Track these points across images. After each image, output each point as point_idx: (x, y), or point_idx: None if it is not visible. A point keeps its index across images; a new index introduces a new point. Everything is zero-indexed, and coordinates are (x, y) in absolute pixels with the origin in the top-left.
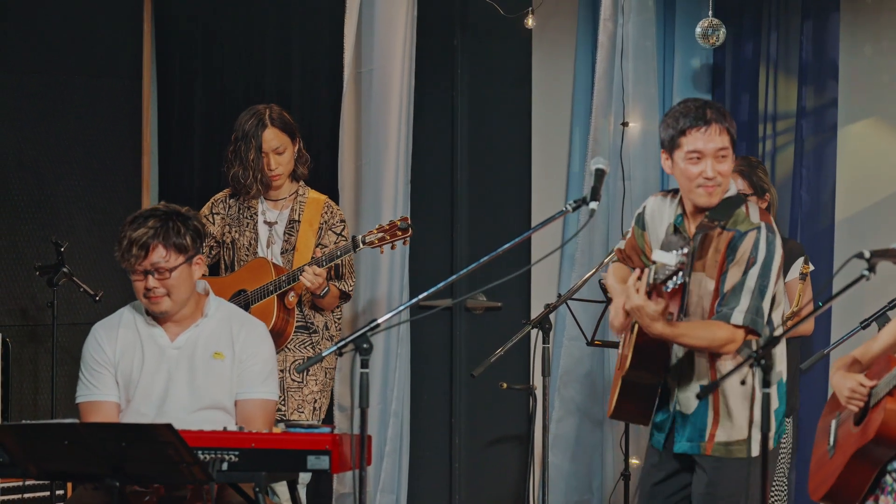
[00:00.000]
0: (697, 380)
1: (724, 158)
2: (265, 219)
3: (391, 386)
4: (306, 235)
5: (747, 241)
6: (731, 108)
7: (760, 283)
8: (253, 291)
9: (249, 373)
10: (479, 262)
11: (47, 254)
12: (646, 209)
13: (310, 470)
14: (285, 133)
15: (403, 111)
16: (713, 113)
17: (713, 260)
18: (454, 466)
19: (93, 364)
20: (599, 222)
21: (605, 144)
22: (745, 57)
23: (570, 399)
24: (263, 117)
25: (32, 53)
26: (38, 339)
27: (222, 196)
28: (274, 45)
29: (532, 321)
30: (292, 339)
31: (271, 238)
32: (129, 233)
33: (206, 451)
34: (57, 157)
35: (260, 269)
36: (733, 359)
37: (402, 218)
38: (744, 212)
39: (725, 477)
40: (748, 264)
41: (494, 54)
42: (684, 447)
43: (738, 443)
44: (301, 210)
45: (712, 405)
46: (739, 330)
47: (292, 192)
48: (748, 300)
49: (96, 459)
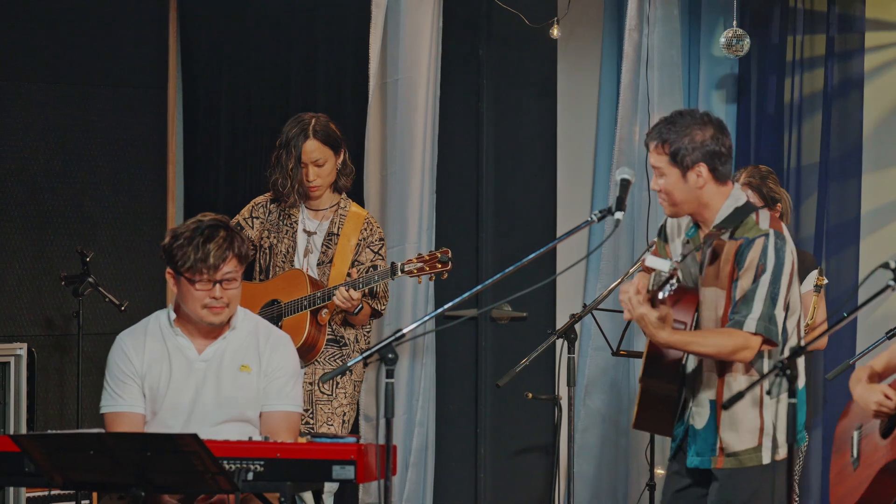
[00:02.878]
0: (706, 392)
1: (660, 176)
2: (304, 227)
3: (416, 396)
4: (344, 250)
5: (755, 248)
6: (755, 118)
7: (772, 291)
8: (287, 304)
9: (274, 385)
10: (504, 272)
11: (73, 264)
12: (667, 221)
13: (335, 480)
14: (327, 145)
15: (429, 121)
16: (656, 130)
17: (723, 271)
18: (479, 476)
19: (118, 374)
20: (624, 232)
21: (631, 154)
22: (770, 67)
23: (596, 409)
24: (307, 128)
25: (57, 63)
26: (63, 349)
27: (263, 200)
28: (300, 55)
29: (557, 331)
30: (322, 352)
31: (309, 248)
32: (199, 241)
33: (231, 460)
34: (82, 167)
35: (295, 281)
36: (744, 372)
37: (443, 250)
38: (753, 219)
39: (738, 486)
40: (758, 272)
41: (520, 64)
42: (695, 462)
43: (747, 451)
44: (341, 223)
45: (718, 417)
46: (754, 337)
47: (333, 203)
48: (760, 307)
49: (121, 469)
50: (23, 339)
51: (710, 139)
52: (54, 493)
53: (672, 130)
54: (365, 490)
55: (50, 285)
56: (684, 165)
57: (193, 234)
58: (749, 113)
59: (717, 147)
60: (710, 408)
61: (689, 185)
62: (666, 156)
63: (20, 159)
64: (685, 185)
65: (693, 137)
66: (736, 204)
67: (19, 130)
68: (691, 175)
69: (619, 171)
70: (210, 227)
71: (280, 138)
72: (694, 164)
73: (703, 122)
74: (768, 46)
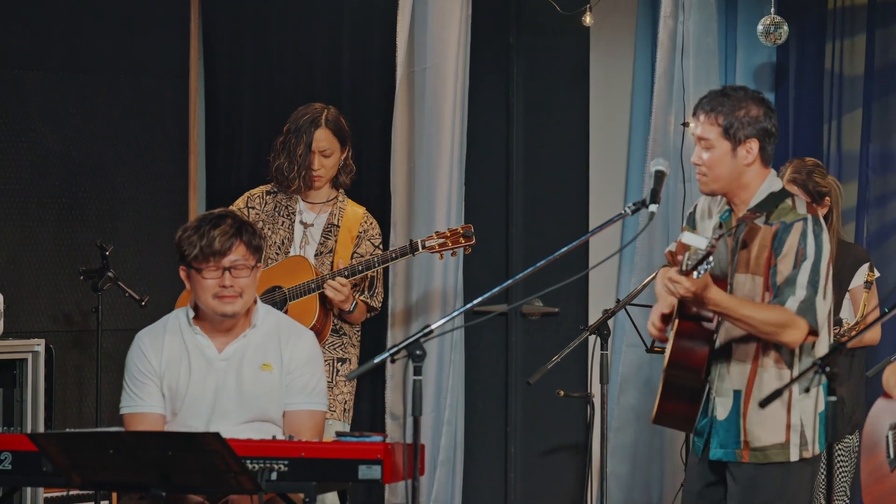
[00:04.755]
0: (732, 383)
1: (707, 149)
2: (301, 219)
3: (445, 394)
4: (345, 240)
5: (794, 232)
6: (794, 107)
7: (813, 278)
8: (291, 288)
9: (298, 383)
10: (535, 267)
11: (92, 258)
12: (697, 208)
13: (361, 480)
14: (336, 137)
15: (458, 111)
16: (707, 100)
17: (760, 256)
18: (509, 476)
19: (137, 374)
20: (659, 225)
21: (665, 145)
22: (809, 55)
23: (629, 407)
24: (319, 116)
25: (77, 53)
26: (82, 346)
27: (259, 192)
28: (324, 44)
29: (590, 327)
30: None
31: (306, 239)
32: (206, 229)
33: (254, 460)
34: (102, 159)
35: (298, 267)
36: (775, 365)
37: (465, 226)
38: (789, 204)
39: (762, 483)
40: (798, 257)
41: (551, 52)
42: (718, 454)
43: (775, 447)
44: (341, 215)
45: (743, 411)
46: (801, 319)
47: (331, 197)
48: (803, 293)
49: (142, 469)
50: (41, 336)
51: (765, 117)
52: (73, 494)
53: (726, 103)
54: (391, 491)
55: (69, 280)
56: (737, 139)
57: (200, 224)
58: (787, 102)
59: (769, 126)
60: (735, 398)
61: (738, 161)
62: (718, 127)
63: (39, 151)
64: (733, 160)
65: (749, 112)
66: (772, 189)
67: (37, 121)
68: (741, 150)
69: (654, 162)
70: (217, 217)
71: (289, 125)
72: (746, 139)
73: (758, 99)
74: (807, 34)
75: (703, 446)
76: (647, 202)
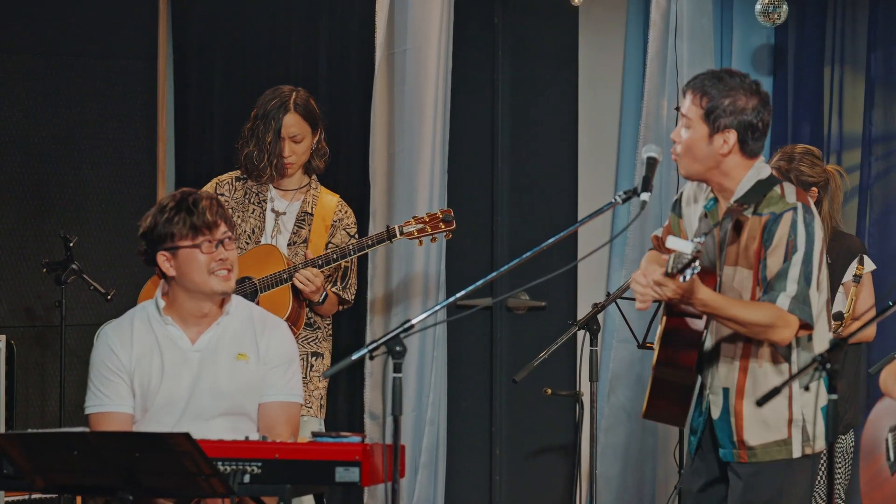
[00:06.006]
0: (722, 381)
1: (686, 126)
2: (273, 206)
3: (426, 392)
4: (319, 229)
5: (784, 223)
6: (793, 91)
7: (805, 271)
8: (262, 279)
9: (273, 374)
10: (521, 258)
11: (55, 249)
12: (683, 194)
13: (338, 483)
14: (307, 121)
15: (440, 95)
16: (700, 80)
17: (748, 248)
18: (494, 479)
19: (104, 371)
20: (651, 215)
21: (658, 130)
22: (810, 36)
23: (620, 406)
24: (288, 101)
25: (38, 33)
26: (45, 342)
27: (228, 178)
28: (300, 24)
29: (579, 322)
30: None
31: (278, 228)
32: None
33: (226, 461)
34: (65, 145)
35: (269, 257)
36: (771, 361)
37: (444, 210)
38: (778, 192)
39: (763, 481)
40: (788, 250)
41: (538, 33)
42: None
43: (776, 444)
44: (314, 203)
45: (734, 409)
46: (791, 316)
47: (304, 184)
48: (795, 287)
49: (108, 471)
50: (1, 331)
51: (752, 110)
52: (35, 497)
53: (716, 87)
54: (370, 494)
55: (30, 272)
56: (715, 126)
57: (179, 204)
58: (786, 86)
59: (754, 120)
60: (724, 396)
61: (713, 148)
62: (701, 109)
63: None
64: (709, 146)
65: (735, 101)
66: (759, 176)
67: None
68: (718, 139)
69: (646, 148)
70: (192, 195)
71: (256, 110)
72: (725, 129)
73: (751, 90)
74: (807, 14)
75: (697, 444)
76: (638, 190)
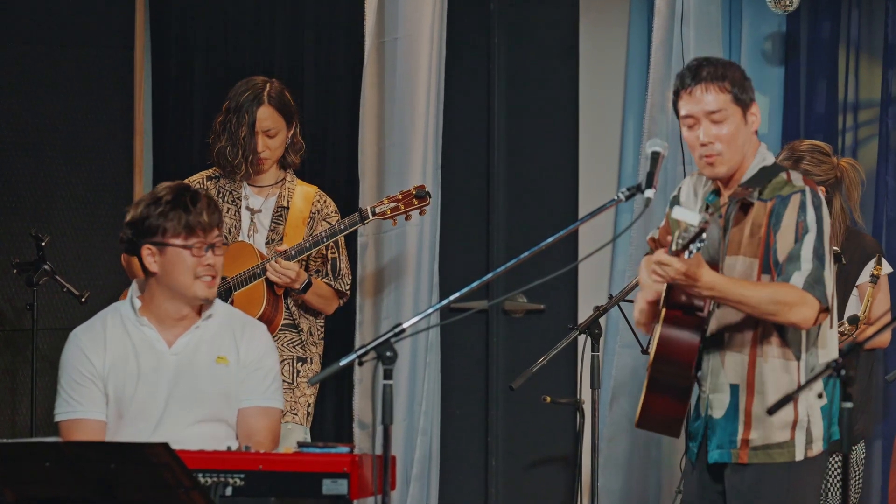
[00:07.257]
0: (728, 377)
1: (720, 122)
2: (248, 205)
3: (418, 400)
4: (296, 222)
5: (792, 205)
6: (806, 81)
7: (818, 251)
8: (235, 277)
9: (253, 379)
10: (518, 259)
11: (26, 249)
12: (681, 191)
13: (326, 496)
14: (281, 115)
15: (433, 86)
16: (708, 70)
17: (754, 236)
18: (490, 492)
19: (75, 376)
20: (656, 213)
21: (663, 124)
22: (823, 24)
23: (623, 414)
24: (261, 93)
25: (10, 20)
26: (15, 347)
27: (199, 178)
28: (285, 11)
29: (580, 326)
30: (280, 337)
31: (254, 227)
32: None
33: (207, 473)
34: (37, 139)
35: (241, 254)
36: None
37: (417, 186)
38: (784, 178)
39: (765, 485)
40: (798, 231)
41: (536, 21)
42: (714, 456)
43: (779, 445)
44: (290, 196)
45: (744, 407)
46: (810, 296)
47: (279, 179)
48: (809, 266)
49: (82, 483)
50: None
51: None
52: None
53: (722, 65)
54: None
55: (0, 273)
56: (745, 104)
57: (176, 199)
58: (799, 76)
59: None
60: (732, 393)
61: (749, 128)
62: (728, 94)
63: None
64: (746, 128)
65: (738, 72)
66: (763, 163)
67: None
68: (750, 116)
69: (650, 142)
70: (191, 191)
71: (228, 103)
72: (751, 102)
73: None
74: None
75: (697, 451)
76: (642, 187)
